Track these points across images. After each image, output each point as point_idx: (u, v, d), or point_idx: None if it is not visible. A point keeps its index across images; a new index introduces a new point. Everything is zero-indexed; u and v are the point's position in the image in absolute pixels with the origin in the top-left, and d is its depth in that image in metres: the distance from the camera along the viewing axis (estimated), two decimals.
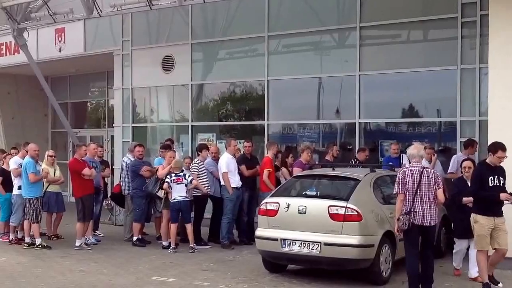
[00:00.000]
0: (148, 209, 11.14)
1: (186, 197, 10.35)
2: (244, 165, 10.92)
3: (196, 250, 10.23)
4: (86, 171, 10.48)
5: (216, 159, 10.98)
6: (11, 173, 11.13)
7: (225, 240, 10.57)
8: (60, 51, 15.23)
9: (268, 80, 12.30)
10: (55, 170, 11.43)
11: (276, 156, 11.01)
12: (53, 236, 11.52)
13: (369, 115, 11.50)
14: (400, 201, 7.09)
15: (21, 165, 10.78)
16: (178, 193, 10.28)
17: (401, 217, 7.01)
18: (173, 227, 10.40)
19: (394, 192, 7.28)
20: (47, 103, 18.31)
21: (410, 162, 7.53)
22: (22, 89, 18.37)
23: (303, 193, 8.40)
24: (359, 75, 11.30)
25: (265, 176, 10.52)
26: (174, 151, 11.22)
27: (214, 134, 13.28)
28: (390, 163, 10.39)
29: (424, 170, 7.17)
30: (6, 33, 14.91)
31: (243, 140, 11.50)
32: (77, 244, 10.58)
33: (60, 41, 15.11)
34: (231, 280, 8.22)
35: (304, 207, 7.92)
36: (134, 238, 10.92)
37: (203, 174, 10.79)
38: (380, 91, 11.49)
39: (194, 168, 10.82)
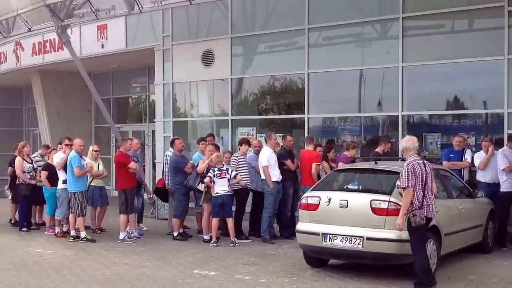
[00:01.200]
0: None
1: (228, 191, 10.37)
2: (289, 159, 10.87)
3: (237, 244, 10.24)
4: (132, 164, 10.66)
5: (258, 152, 10.95)
6: (55, 166, 11.34)
7: (266, 234, 10.55)
8: (102, 48, 15.42)
9: (308, 73, 12.18)
10: (98, 164, 11.60)
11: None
12: (97, 230, 11.71)
13: (412, 108, 11.27)
14: (410, 196, 6.96)
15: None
16: (221, 187, 10.31)
17: (416, 212, 6.93)
18: (215, 221, 10.43)
19: (402, 186, 7.08)
20: (90, 99, 18.60)
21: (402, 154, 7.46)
22: (66, 86, 18.72)
23: (345, 187, 8.30)
24: (402, 66, 11.08)
25: (313, 170, 10.45)
26: (216, 146, 11.24)
27: (254, 128, 13.24)
28: (451, 155, 10.14)
29: (425, 162, 7.19)
30: (50, 30, 15.20)
31: (282, 134, 11.44)
32: (121, 237, 10.72)
33: (102, 38, 15.31)
34: (272, 274, 8.19)
35: (346, 201, 7.83)
36: (175, 234, 10.99)
37: (242, 168, 10.80)
38: (423, 83, 11.24)
39: (233, 162, 10.83)
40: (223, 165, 10.45)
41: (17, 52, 18.27)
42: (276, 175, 10.57)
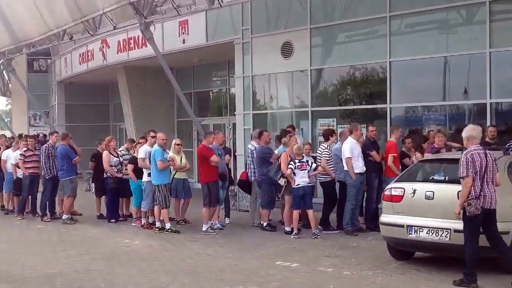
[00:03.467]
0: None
1: (309, 182, 10.34)
2: (374, 150, 10.70)
3: (318, 236, 10.18)
4: (213, 157, 10.82)
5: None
6: (138, 163, 11.66)
7: (348, 226, 10.43)
8: (183, 43, 15.70)
9: (390, 62, 11.88)
10: (181, 157, 11.84)
11: (403, 142, 10.72)
12: (181, 221, 11.97)
13: (501, 95, 10.75)
14: (469, 186, 6.87)
15: (149, 154, 11.28)
16: (302, 179, 10.29)
17: (472, 202, 6.84)
18: (295, 213, 10.42)
19: (460, 176, 6.91)
20: (172, 93, 19.04)
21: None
22: (149, 81, 19.25)
23: (430, 178, 8.06)
24: (490, 52, 10.59)
25: (390, 161, 10.25)
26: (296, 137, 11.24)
27: (334, 119, 13.10)
28: None
29: (487, 152, 7.04)
30: (134, 27, 15.65)
31: (363, 125, 11.27)
32: (204, 228, 10.90)
33: (183, 33, 15.59)
34: (356, 267, 8.09)
35: (432, 193, 7.62)
36: (264, 224, 11.06)
37: (330, 159, 10.74)
38: None
39: (325, 153, 10.77)
40: (303, 156, 10.42)
41: (103, 50, 18.95)
42: (359, 166, 10.42)
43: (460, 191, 7.30)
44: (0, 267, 8.60)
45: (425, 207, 7.65)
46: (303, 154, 10.48)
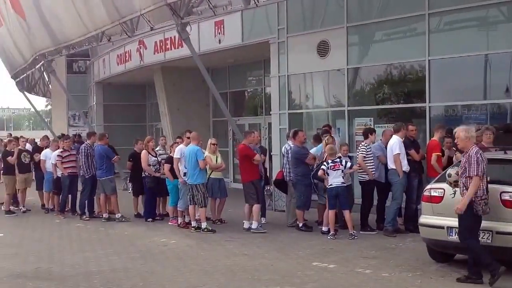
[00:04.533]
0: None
1: (343, 182, 10.25)
2: (413, 149, 10.55)
3: (356, 237, 10.08)
4: (257, 156, 10.95)
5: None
6: (174, 162, 11.72)
7: (389, 225, 10.28)
8: (219, 43, 15.74)
9: (429, 60, 11.67)
10: (217, 157, 11.88)
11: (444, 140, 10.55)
12: (217, 221, 11.99)
13: None
14: (477, 185, 7.00)
15: (183, 154, 11.34)
16: (335, 179, 10.21)
17: (482, 201, 7.03)
18: (331, 213, 10.34)
19: (470, 174, 7.00)
20: (208, 93, 19.12)
21: None
22: (185, 81, 19.36)
23: None
24: None
25: (433, 160, 10.07)
26: (332, 137, 11.16)
27: (372, 118, 12.93)
28: None
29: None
30: (171, 28, 15.77)
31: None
32: (254, 226, 10.94)
33: (219, 33, 15.63)
34: (395, 269, 7.97)
35: None
36: (300, 224, 11.02)
37: (370, 158, 10.62)
38: None
39: (362, 151, 10.67)
40: (340, 157, 10.34)
41: (141, 51, 19.15)
42: (405, 164, 10.32)
43: (503, 191, 7.19)
44: (41, 265, 8.75)
45: None
46: (339, 155, 10.40)
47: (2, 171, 15.15)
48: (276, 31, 14.30)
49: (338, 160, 10.29)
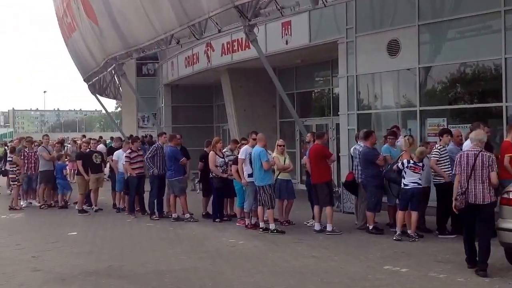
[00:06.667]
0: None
1: (419, 184, 9.99)
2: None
3: (416, 239, 9.90)
4: (333, 157, 11.04)
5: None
6: (238, 163, 11.73)
7: None
8: (286, 44, 15.67)
9: (505, 58, 11.21)
10: (285, 158, 11.82)
11: None
12: (284, 222, 11.93)
13: None
14: (457, 181, 7.91)
15: (250, 154, 11.34)
16: (411, 179, 9.97)
17: (458, 197, 7.79)
18: (400, 213, 10.14)
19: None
20: (275, 94, 19.10)
21: None
22: (252, 83, 19.39)
23: None
24: None
25: (506, 162, 9.67)
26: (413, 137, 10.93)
27: (445, 118, 12.55)
28: None
29: (480, 153, 7.75)
30: (238, 30, 15.84)
31: (470, 124, 10.74)
32: (329, 228, 10.86)
33: (286, 34, 15.56)
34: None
35: None
36: (370, 227, 10.84)
37: (445, 160, 10.30)
38: None
39: (435, 153, 10.38)
40: (421, 160, 10.10)
41: (208, 53, 19.35)
42: None
43: None
44: (113, 263, 8.95)
45: None
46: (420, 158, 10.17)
47: (76, 172, 15.65)
48: (345, 30, 14.11)
49: (421, 164, 10.06)
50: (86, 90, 30.15)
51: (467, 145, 9.97)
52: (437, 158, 10.33)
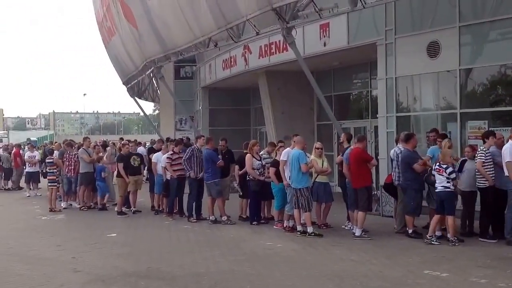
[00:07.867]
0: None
1: (447, 187, 9.84)
2: None
3: (456, 244, 9.74)
4: (374, 161, 10.87)
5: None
6: (280, 165, 11.69)
7: (510, 236, 9.72)
8: (324, 46, 15.59)
9: None
10: (323, 161, 11.76)
11: None
12: (322, 225, 11.87)
13: None
14: None
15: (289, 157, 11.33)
16: (439, 183, 9.88)
17: None
18: (434, 217, 10.16)
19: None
20: (312, 96, 19.03)
21: None
22: (290, 85, 19.37)
23: None
24: None
25: None
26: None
27: (486, 121, 12.30)
28: None
29: None
30: (276, 32, 15.83)
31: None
32: (357, 233, 10.74)
33: (324, 36, 15.49)
34: None
35: None
36: (409, 231, 10.69)
37: (489, 163, 10.12)
38: None
39: (481, 154, 10.20)
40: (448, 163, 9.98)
41: (246, 56, 19.41)
42: None
43: None
44: (152, 265, 9.03)
45: None
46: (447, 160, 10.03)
47: (116, 174, 15.87)
48: (384, 32, 13.98)
49: (444, 166, 9.93)
50: (125, 93, 30.58)
51: (507, 147, 9.77)
52: (483, 160, 10.12)
